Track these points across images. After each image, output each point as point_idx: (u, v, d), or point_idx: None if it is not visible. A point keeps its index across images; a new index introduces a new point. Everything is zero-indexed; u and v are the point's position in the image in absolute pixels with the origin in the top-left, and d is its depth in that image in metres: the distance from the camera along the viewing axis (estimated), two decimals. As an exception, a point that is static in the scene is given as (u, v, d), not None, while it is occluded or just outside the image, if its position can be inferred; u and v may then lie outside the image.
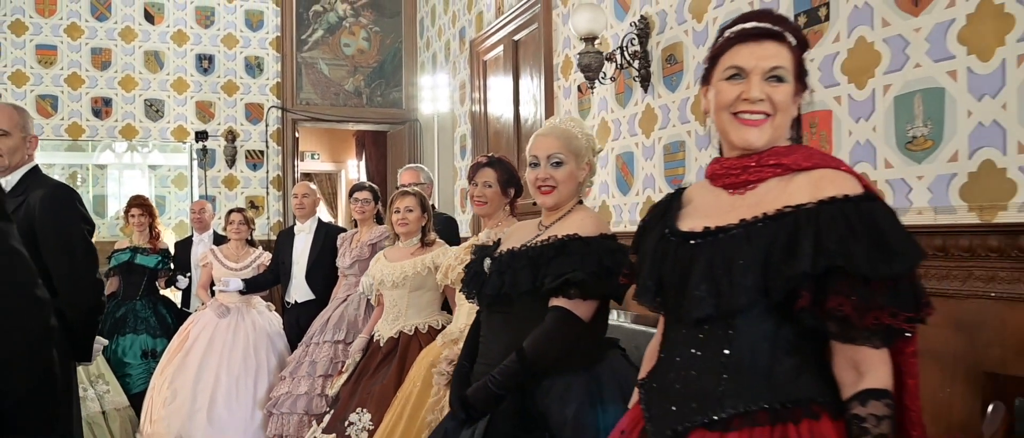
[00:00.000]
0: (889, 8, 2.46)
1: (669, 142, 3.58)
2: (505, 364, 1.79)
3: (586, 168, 1.97)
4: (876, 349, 1.17)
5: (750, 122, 1.30)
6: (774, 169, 1.30)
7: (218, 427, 3.96)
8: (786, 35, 1.34)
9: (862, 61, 2.55)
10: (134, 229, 5.05)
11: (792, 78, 1.32)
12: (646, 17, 3.72)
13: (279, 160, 7.37)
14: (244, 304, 4.50)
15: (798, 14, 2.82)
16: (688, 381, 1.28)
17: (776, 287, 1.19)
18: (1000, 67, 2.13)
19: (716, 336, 1.26)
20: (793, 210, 1.22)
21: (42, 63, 6.78)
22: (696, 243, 1.30)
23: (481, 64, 5.89)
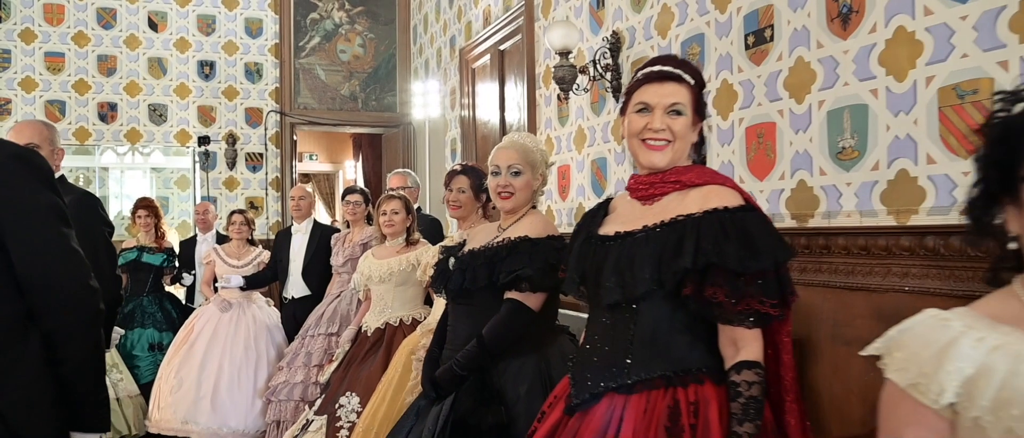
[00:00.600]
0: (823, 31, 2.73)
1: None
2: (467, 349, 2.07)
3: (540, 178, 2.25)
4: (749, 329, 1.45)
5: (654, 147, 1.58)
6: (674, 185, 1.58)
7: (221, 413, 4.24)
8: (685, 76, 1.62)
9: (801, 78, 2.82)
10: (140, 229, 5.32)
11: (690, 111, 1.60)
12: (617, 32, 3.99)
13: (277, 162, 7.64)
14: (245, 299, 4.77)
15: (748, 34, 3.09)
16: (603, 354, 1.57)
17: (667, 279, 1.47)
18: (912, 87, 2.40)
19: (624, 318, 1.55)
20: (684, 218, 1.50)
21: (51, 70, 7.05)
22: (609, 244, 1.58)
23: (470, 71, 6.16)
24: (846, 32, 2.64)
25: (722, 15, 3.24)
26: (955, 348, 0.98)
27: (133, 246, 5.23)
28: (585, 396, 1.55)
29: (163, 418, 4.25)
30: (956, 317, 1.02)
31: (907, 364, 1.02)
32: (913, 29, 2.39)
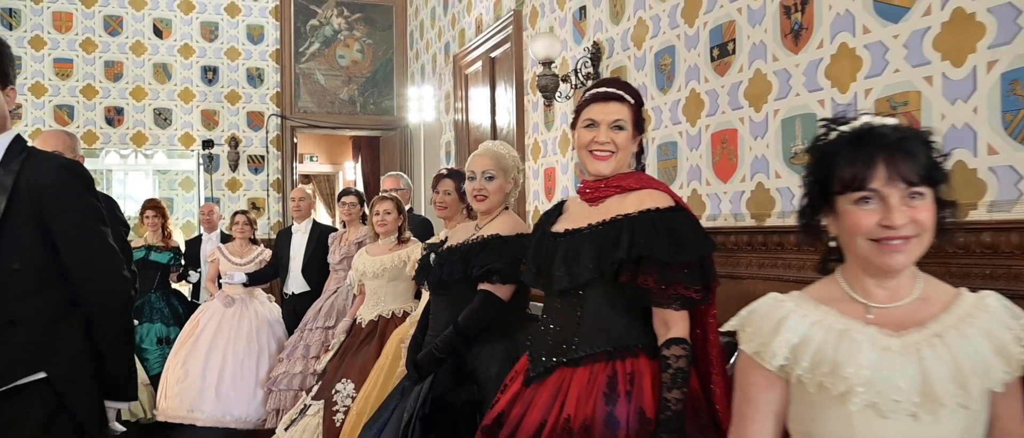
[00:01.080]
0: (778, 46, 2.97)
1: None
2: (445, 334, 2.31)
3: (512, 182, 2.49)
4: (677, 311, 1.69)
5: (600, 157, 1.83)
6: (615, 189, 1.82)
7: (224, 402, 4.49)
8: (627, 97, 1.87)
9: (759, 89, 3.06)
10: (148, 229, 5.57)
11: (630, 126, 1.85)
12: (598, 43, 4.23)
13: (278, 164, 7.88)
14: (248, 295, 5.02)
15: (713, 47, 3.33)
16: (554, 333, 1.81)
17: (606, 269, 1.72)
18: (853, 98, 2.64)
19: (572, 302, 1.79)
20: (622, 217, 1.75)
21: (59, 75, 7.29)
22: (560, 239, 1.83)
23: (463, 77, 6.40)
24: (797, 47, 2.88)
25: (690, 29, 3.48)
26: (786, 322, 1.23)
27: (141, 245, 5.47)
28: (540, 369, 1.79)
29: (170, 407, 4.50)
30: (789, 299, 1.28)
31: (753, 336, 1.28)
32: (854, 46, 2.63)
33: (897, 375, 1.16)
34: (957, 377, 1.15)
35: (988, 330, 1.20)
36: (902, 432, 1.16)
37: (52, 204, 1.78)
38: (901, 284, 1.26)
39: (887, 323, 1.22)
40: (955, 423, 1.17)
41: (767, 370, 1.26)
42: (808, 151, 1.35)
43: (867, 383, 1.15)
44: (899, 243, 1.20)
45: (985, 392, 1.20)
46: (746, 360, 1.30)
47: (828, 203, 1.27)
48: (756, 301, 1.35)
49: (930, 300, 1.26)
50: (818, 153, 1.30)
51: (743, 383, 1.31)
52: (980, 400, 1.19)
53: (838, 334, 1.21)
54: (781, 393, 1.28)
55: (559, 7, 4.71)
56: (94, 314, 1.86)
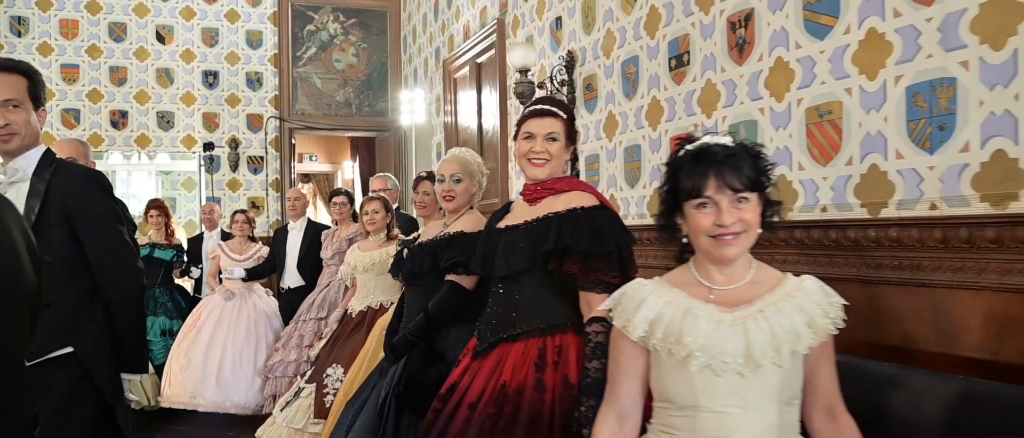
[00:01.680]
0: (724, 58, 3.25)
1: (589, 155, 4.37)
2: (417, 320, 2.60)
3: (476, 185, 2.78)
4: (599, 294, 1.98)
5: (536, 164, 2.13)
6: (550, 191, 2.12)
7: (225, 390, 4.79)
8: (560, 113, 2.16)
9: (709, 97, 3.35)
10: (152, 227, 5.87)
11: (563, 138, 2.15)
12: (572, 52, 4.52)
13: (277, 165, 8.18)
14: (247, 290, 5.31)
15: (671, 58, 3.62)
16: (498, 314, 2.12)
17: (538, 258, 2.01)
18: (788, 107, 2.92)
19: (511, 287, 2.09)
20: (553, 215, 2.05)
21: (66, 80, 7.59)
22: (502, 233, 2.13)
23: (452, 81, 6.69)
24: (742, 59, 3.17)
25: (652, 41, 3.76)
26: (645, 302, 1.53)
27: (146, 243, 5.77)
28: (485, 345, 2.09)
29: (173, 394, 4.80)
30: (650, 283, 1.58)
31: (621, 314, 1.57)
32: (788, 59, 2.92)
33: (726, 343, 1.45)
34: (773, 343, 1.45)
35: (802, 306, 1.50)
36: (731, 387, 1.46)
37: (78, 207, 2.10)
38: (736, 271, 1.56)
39: (724, 302, 1.52)
40: (772, 379, 1.47)
41: (632, 341, 1.55)
42: (665, 166, 1.66)
43: (703, 349, 1.45)
44: (730, 238, 1.49)
45: (796, 355, 1.50)
46: (617, 333, 1.60)
47: (678, 208, 1.57)
48: (625, 285, 1.65)
49: (760, 283, 1.56)
50: (670, 168, 1.60)
51: (614, 352, 1.61)
52: (791, 361, 1.48)
53: (683, 311, 1.50)
54: (644, 360, 1.57)
55: (538, 17, 5.00)
56: (112, 299, 2.19)
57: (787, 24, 2.92)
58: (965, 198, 2.29)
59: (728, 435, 1.44)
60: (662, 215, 1.62)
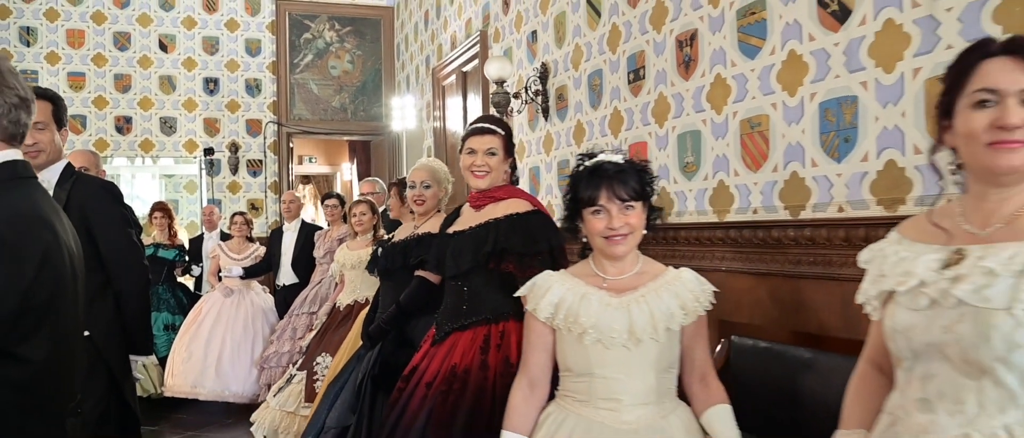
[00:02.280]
0: (673, 72, 3.58)
1: (560, 160, 4.70)
2: (390, 311, 2.94)
3: (443, 190, 3.12)
4: (536, 288, 2.31)
5: (478, 176, 2.46)
6: (491, 199, 2.45)
7: (223, 379, 5.14)
8: (497, 130, 2.50)
9: (661, 108, 3.68)
10: (156, 228, 6.21)
11: (501, 152, 2.48)
12: (545, 64, 4.85)
13: (276, 168, 8.52)
14: (244, 287, 5.66)
15: (630, 72, 3.95)
16: (451, 307, 2.44)
17: (480, 259, 2.34)
18: (726, 119, 3.25)
19: (460, 284, 2.42)
20: (492, 221, 2.38)
21: (73, 88, 7.95)
22: (451, 238, 2.46)
23: (441, 88, 7.02)
24: (688, 75, 3.49)
25: (613, 56, 4.09)
26: (550, 290, 1.86)
27: (150, 243, 6.11)
28: (441, 334, 2.43)
29: (176, 383, 5.15)
30: (557, 274, 1.91)
31: (532, 299, 1.90)
32: (725, 76, 3.25)
33: (614, 322, 1.78)
34: (651, 322, 1.78)
35: (677, 293, 1.83)
36: (618, 357, 1.79)
37: (94, 213, 2.45)
38: (625, 264, 1.89)
39: (614, 289, 1.85)
40: (651, 351, 1.80)
41: (540, 321, 1.89)
42: (569, 179, 2.00)
43: (594, 327, 1.78)
44: (619, 238, 1.82)
45: (671, 332, 1.83)
46: (529, 315, 1.93)
47: (579, 214, 1.90)
48: (536, 276, 1.98)
49: (645, 274, 1.89)
50: (571, 181, 1.93)
51: (527, 330, 1.95)
52: (666, 336, 1.81)
53: (580, 296, 1.83)
54: (551, 337, 1.90)
55: (516, 30, 5.33)
56: (121, 292, 2.54)
57: (724, 44, 3.25)
58: (865, 202, 2.62)
59: (616, 396, 1.77)
60: (566, 219, 1.95)
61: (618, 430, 1.73)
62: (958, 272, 1.21)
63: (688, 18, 3.47)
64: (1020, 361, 1.13)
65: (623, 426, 1.73)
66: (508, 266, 2.28)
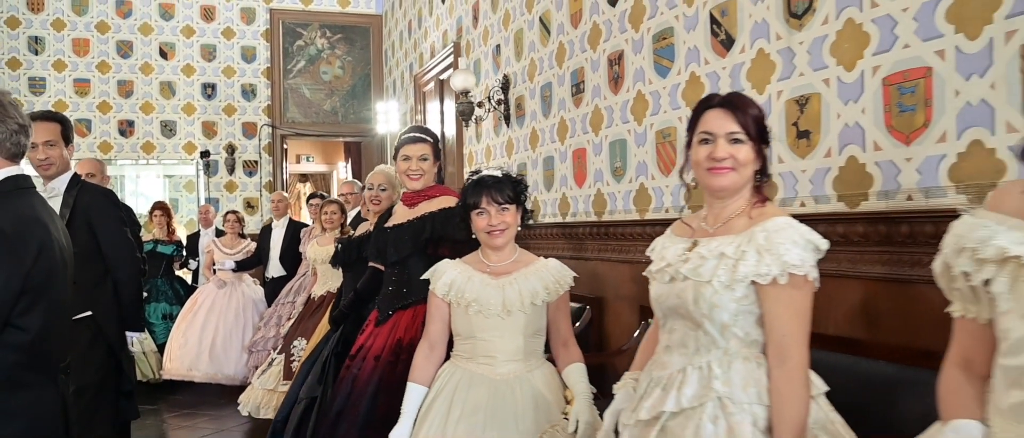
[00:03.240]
0: (606, 88, 4.06)
1: (519, 163, 5.19)
2: (349, 297, 3.42)
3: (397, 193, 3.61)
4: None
5: (412, 179, 2.93)
6: (424, 197, 2.91)
7: (216, 363, 5.64)
8: (427, 138, 2.98)
9: (597, 119, 4.15)
10: (156, 225, 6.73)
11: (432, 157, 2.95)
12: (507, 75, 5.33)
13: (270, 168, 9.03)
14: (236, 279, 6.16)
15: (573, 85, 4.42)
16: (392, 291, 2.91)
17: (418, 246, 2.82)
18: (645, 130, 3.73)
19: (402, 269, 2.88)
20: (428, 214, 2.85)
21: (78, 93, 8.45)
22: (390, 231, 2.94)
23: (421, 93, 7.52)
24: (616, 90, 3.98)
25: (561, 70, 4.57)
26: (446, 273, 2.34)
27: (150, 239, 6.62)
28: (384, 316, 2.89)
29: (174, 367, 5.66)
30: (454, 262, 2.38)
31: (433, 279, 2.38)
32: (645, 92, 3.73)
33: (491, 297, 2.26)
34: (520, 298, 2.26)
35: (542, 277, 2.31)
36: (495, 324, 2.25)
37: (95, 215, 2.97)
38: (503, 254, 2.37)
39: (494, 273, 2.33)
40: (520, 320, 2.26)
41: (438, 297, 2.37)
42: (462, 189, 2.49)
43: (476, 300, 2.26)
44: (498, 234, 2.31)
45: (536, 306, 2.30)
46: (430, 292, 2.41)
47: (469, 215, 2.38)
48: (437, 263, 2.47)
49: (519, 262, 2.37)
50: (463, 191, 2.42)
51: (429, 304, 2.42)
52: (532, 310, 2.28)
53: (468, 278, 2.31)
54: (446, 310, 2.36)
55: (484, 43, 5.81)
56: (119, 279, 3.05)
57: (644, 64, 3.72)
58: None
59: (492, 354, 2.25)
60: (460, 219, 2.43)
61: (493, 380, 2.22)
62: (688, 256, 1.70)
63: (616, 40, 3.95)
64: (718, 317, 1.62)
65: (497, 377, 2.22)
66: (444, 251, 2.74)
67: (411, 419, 2.29)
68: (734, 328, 1.63)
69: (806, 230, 1.65)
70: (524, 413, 2.16)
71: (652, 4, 3.63)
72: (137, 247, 3.59)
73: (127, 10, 8.56)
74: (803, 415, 1.54)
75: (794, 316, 1.58)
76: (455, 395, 2.22)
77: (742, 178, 1.70)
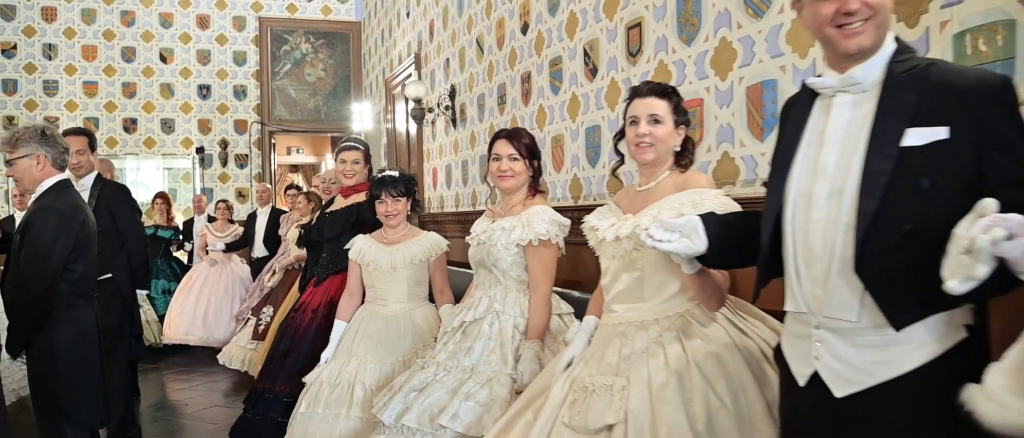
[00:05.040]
0: (519, 101, 4.99)
1: (463, 160, 6.13)
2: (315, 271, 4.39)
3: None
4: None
5: (348, 177, 3.83)
6: (355, 191, 3.82)
7: (209, 329, 6.60)
8: (359, 146, 3.91)
9: (513, 125, 5.10)
10: (157, 212, 7.68)
11: (363, 161, 3.86)
12: (454, 85, 6.27)
13: (259, 161, 9.97)
14: (226, 259, 7.11)
15: (498, 97, 5.36)
16: (326, 259, 3.83)
17: (346, 228, 3.75)
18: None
19: (333, 244, 3.81)
20: (356, 204, 3.76)
21: (87, 94, 9.37)
22: (329, 215, 3.88)
23: (391, 96, 8.45)
24: (527, 102, 4.91)
25: (490, 84, 5.51)
26: (357, 243, 3.25)
27: (151, 224, 7.55)
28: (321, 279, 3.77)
29: (172, 333, 6.63)
30: (363, 236, 3.32)
31: (351, 250, 3.33)
32: (545, 106, 4.66)
33: (383, 259, 3.18)
34: (404, 259, 3.17)
35: (421, 244, 3.21)
36: (386, 278, 3.14)
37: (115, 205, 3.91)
38: (397, 232, 3.25)
39: (388, 242, 3.21)
40: (403, 275, 3.14)
41: (353, 260, 3.29)
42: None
43: (373, 261, 3.18)
44: (392, 216, 3.23)
45: (415, 265, 3.21)
46: (350, 259, 3.34)
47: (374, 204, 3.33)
48: (354, 237, 3.42)
49: (408, 235, 3.25)
50: (370, 184, 3.36)
51: (350, 265, 3.34)
52: (412, 267, 3.17)
53: (370, 245, 3.20)
54: (359, 269, 3.23)
55: (438, 55, 6.74)
56: (130, 249, 4.00)
57: (544, 83, 4.66)
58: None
59: (384, 298, 3.16)
60: (369, 207, 3.35)
61: (385, 315, 3.15)
62: (490, 230, 2.66)
63: (526, 62, 4.89)
64: (500, 266, 2.56)
65: (388, 313, 3.15)
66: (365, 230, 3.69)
67: (335, 343, 3.23)
68: (510, 272, 2.58)
69: (553, 213, 2.60)
70: (405, 337, 3.10)
71: (549, 37, 4.58)
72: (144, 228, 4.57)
73: (131, 19, 9.47)
74: (545, 322, 2.50)
75: (542, 265, 2.54)
76: (361, 325, 3.16)
77: (519, 182, 2.65)
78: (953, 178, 1.26)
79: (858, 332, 1.35)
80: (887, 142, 1.30)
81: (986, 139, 1.26)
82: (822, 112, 1.45)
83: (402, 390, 2.54)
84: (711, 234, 1.59)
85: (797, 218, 1.44)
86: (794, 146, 1.47)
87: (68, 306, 2.80)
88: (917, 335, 1.30)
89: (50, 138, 2.94)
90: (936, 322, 1.29)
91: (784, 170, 1.47)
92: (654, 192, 2.05)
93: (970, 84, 1.29)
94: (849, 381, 1.35)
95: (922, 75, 1.34)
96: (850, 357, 1.35)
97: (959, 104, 1.28)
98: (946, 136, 1.26)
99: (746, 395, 1.73)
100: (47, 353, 2.80)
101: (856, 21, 1.37)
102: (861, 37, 1.38)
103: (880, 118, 1.34)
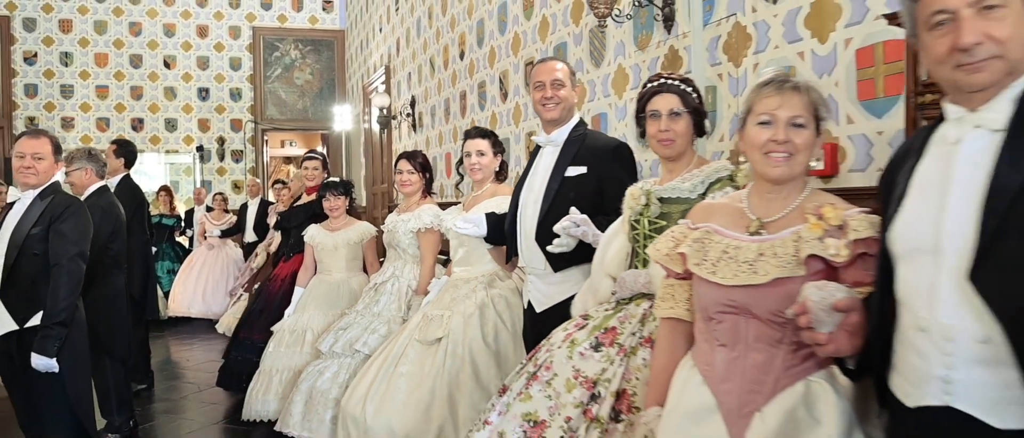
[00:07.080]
0: (457, 112, 6.10)
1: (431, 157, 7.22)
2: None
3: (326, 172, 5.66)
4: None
5: (310, 180, 4.97)
6: (315, 189, 4.98)
7: (207, 304, 7.72)
8: (318, 156, 5.02)
9: (454, 133, 6.20)
10: (161, 203, 8.80)
11: (321, 168, 4.99)
12: (414, 95, 7.37)
13: (253, 156, 11.07)
14: (222, 244, 8.24)
15: (445, 108, 6.46)
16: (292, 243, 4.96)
17: (307, 218, 4.88)
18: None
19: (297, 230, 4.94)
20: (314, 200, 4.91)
21: (99, 97, 10.46)
22: (295, 208, 5.00)
23: (368, 100, 9.54)
24: (463, 115, 6.02)
25: (440, 96, 6.61)
26: (310, 230, 4.39)
27: (156, 213, 8.64)
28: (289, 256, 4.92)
29: (176, 306, 7.74)
30: (316, 225, 4.44)
31: (307, 236, 4.46)
32: (477, 120, 5.77)
33: (327, 241, 4.22)
34: (343, 240, 4.31)
35: (356, 230, 4.33)
36: (330, 255, 4.20)
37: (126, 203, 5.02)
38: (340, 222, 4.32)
39: (331, 229, 4.26)
40: (342, 252, 4.25)
41: (307, 243, 4.39)
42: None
43: (320, 243, 4.21)
44: (334, 210, 4.35)
45: (351, 245, 4.32)
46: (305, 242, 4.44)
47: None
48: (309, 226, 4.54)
49: (347, 224, 4.38)
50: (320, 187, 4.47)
51: (306, 247, 4.46)
52: (347, 247, 4.30)
53: (319, 231, 4.23)
54: (312, 250, 4.35)
55: (403, 67, 7.85)
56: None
57: (474, 101, 5.77)
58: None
59: (329, 270, 4.17)
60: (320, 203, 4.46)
61: (329, 282, 4.18)
62: (396, 221, 3.77)
63: (461, 84, 6.00)
64: (401, 246, 3.68)
65: (331, 281, 4.18)
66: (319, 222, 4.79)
67: (295, 303, 4.33)
68: (408, 250, 3.69)
69: (437, 210, 3.70)
70: (343, 298, 4.15)
71: (479, 64, 5.69)
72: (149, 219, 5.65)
73: (138, 30, 10.55)
74: (427, 282, 3.64)
75: (427, 245, 3.63)
76: (312, 289, 4.24)
77: (415, 189, 3.75)
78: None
79: (545, 275, 2.48)
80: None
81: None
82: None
83: (333, 330, 3.67)
84: (490, 224, 2.73)
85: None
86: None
87: (106, 274, 3.89)
88: (572, 276, 2.43)
89: (94, 156, 4.01)
90: (580, 269, 2.42)
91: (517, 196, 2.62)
92: (480, 197, 3.17)
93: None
94: (541, 303, 2.49)
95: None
96: (542, 289, 2.49)
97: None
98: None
99: (519, 322, 2.86)
100: (94, 302, 3.86)
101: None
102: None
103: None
